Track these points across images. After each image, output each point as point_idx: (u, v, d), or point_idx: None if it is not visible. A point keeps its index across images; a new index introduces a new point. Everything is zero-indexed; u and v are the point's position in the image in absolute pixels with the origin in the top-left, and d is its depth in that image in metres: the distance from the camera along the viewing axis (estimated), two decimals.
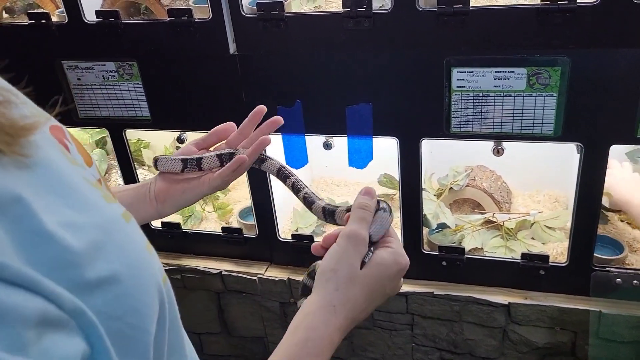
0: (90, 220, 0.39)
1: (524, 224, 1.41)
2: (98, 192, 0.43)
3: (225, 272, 1.54)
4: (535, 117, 1.13)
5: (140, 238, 0.45)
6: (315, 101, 1.26)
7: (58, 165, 0.40)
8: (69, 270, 0.35)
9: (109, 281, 0.38)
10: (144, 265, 0.42)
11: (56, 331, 0.33)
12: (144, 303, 0.41)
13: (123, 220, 0.43)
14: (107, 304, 0.37)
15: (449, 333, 1.41)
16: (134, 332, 0.40)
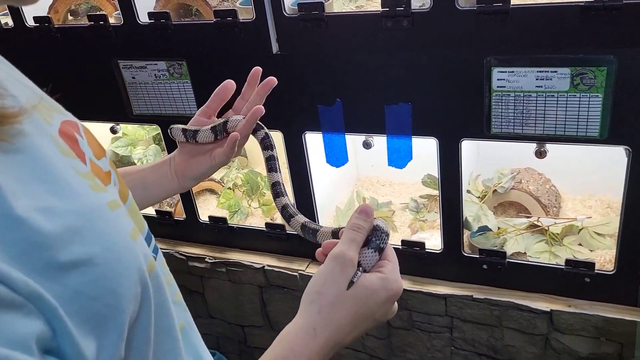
0: (69, 207, 0.41)
1: (571, 230, 1.36)
2: (85, 182, 0.45)
3: (268, 267, 1.58)
4: (580, 118, 1.09)
5: (125, 226, 0.47)
6: (355, 100, 1.27)
7: (45, 153, 0.43)
8: (40, 252, 0.38)
9: (85, 263, 0.40)
10: (125, 251, 0.45)
11: (9, 311, 0.35)
12: (120, 284, 0.43)
13: (108, 208, 0.46)
14: (84, 284, 0.40)
15: (489, 338, 1.39)
16: (110, 311, 0.42)
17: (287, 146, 1.41)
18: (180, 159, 0.88)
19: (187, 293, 1.77)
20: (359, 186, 1.78)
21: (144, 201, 0.88)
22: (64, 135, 0.48)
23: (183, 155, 0.88)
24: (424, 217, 1.56)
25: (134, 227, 0.49)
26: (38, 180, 0.41)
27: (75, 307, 0.39)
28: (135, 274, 0.46)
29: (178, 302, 0.63)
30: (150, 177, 0.87)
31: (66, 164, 0.45)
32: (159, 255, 0.61)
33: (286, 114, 1.36)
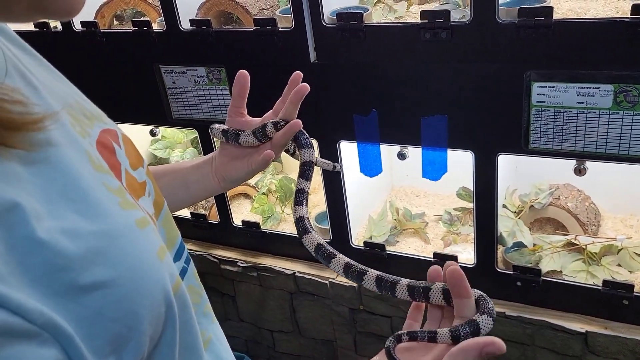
0: (96, 227, 0.41)
1: (610, 250, 1.32)
2: (115, 199, 0.45)
3: (299, 273, 1.59)
4: (622, 137, 1.06)
5: (152, 245, 0.47)
6: (391, 111, 1.27)
7: (74, 167, 0.42)
8: (62, 274, 0.38)
9: (107, 285, 0.40)
10: (150, 270, 0.45)
11: (21, 342, 0.34)
12: (142, 306, 0.43)
13: (136, 227, 0.46)
14: (105, 306, 0.40)
15: (520, 356, 1.36)
16: (130, 332, 0.42)
17: (322, 156, 1.41)
18: (220, 160, 0.88)
19: (218, 296, 1.79)
20: (393, 196, 1.77)
21: (186, 200, 0.87)
22: (101, 145, 0.49)
23: (223, 157, 0.88)
24: (457, 230, 1.54)
25: (162, 246, 0.49)
26: (65, 198, 0.40)
27: (96, 328, 0.39)
28: (160, 294, 0.46)
29: (207, 313, 0.64)
30: (192, 176, 0.86)
31: (97, 179, 0.45)
32: (190, 266, 0.61)
33: (322, 123, 1.36)
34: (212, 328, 0.64)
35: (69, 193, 0.41)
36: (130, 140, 0.56)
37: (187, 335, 0.52)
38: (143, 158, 0.57)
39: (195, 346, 0.54)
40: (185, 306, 0.51)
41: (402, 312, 1.45)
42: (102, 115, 0.54)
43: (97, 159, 0.47)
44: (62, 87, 0.52)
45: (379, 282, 0.69)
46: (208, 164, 0.88)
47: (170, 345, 0.49)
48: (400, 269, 1.47)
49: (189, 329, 0.52)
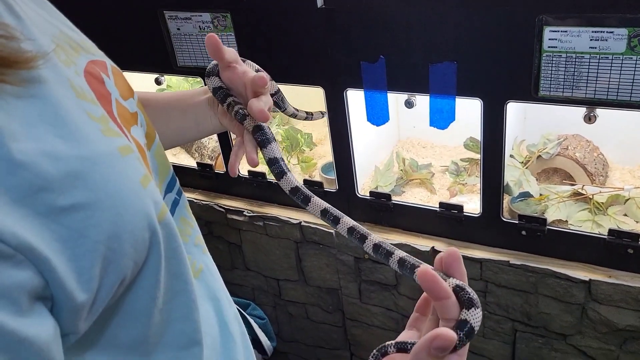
0: (76, 151, 0.42)
1: (617, 199, 1.32)
2: (97, 126, 0.46)
3: (305, 222, 1.60)
4: (635, 83, 1.04)
5: (134, 172, 0.48)
6: (399, 58, 1.24)
7: (57, 98, 0.43)
8: (42, 195, 0.38)
9: (88, 207, 0.41)
10: (132, 197, 0.46)
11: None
12: (125, 230, 0.45)
13: (118, 153, 0.47)
14: (87, 228, 0.41)
15: (523, 304, 1.37)
16: (113, 254, 0.44)
17: (328, 103, 1.40)
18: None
19: (225, 245, 1.82)
20: (400, 147, 1.76)
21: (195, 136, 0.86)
22: (90, 75, 0.49)
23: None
24: (464, 180, 1.54)
25: (146, 174, 0.50)
26: (45, 123, 0.41)
27: (81, 249, 0.41)
28: (143, 220, 0.47)
29: (198, 244, 0.65)
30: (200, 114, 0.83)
31: (79, 107, 0.45)
32: (182, 198, 0.62)
33: (328, 70, 1.35)
34: (203, 259, 0.66)
35: (49, 119, 0.41)
36: (121, 72, 0.56)
37: (175, 263, 0.54)
38: (134, 90, 0.57)
39: (182, 274, 0.56)
40: (172, 235, 0.53)
41: None
42: (91, 47, 0.54)
43: (81, 87, 0.48)
44: (47, 16, 0.52)
45: (351, 231, 0.69)
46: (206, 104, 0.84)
47: (155, 270, 0.51)
48: (405, 218, 1.47)
49: (177, 256, 0.54)
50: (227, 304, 0.70)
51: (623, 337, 1.28)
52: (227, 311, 0.70)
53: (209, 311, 0.66)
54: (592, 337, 1.32)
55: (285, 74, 1.42)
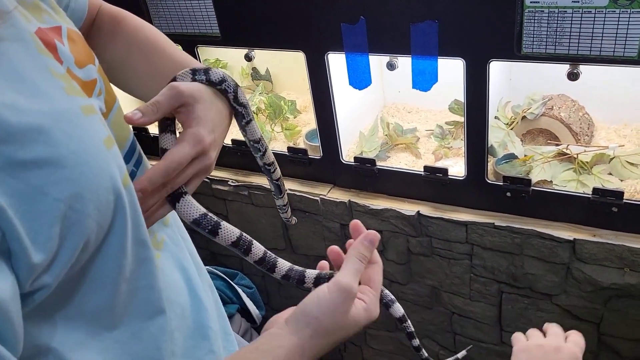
0: (36, 106, 0.41)
1: (602, 158, 1.31)
2: (60, 83, 0.45)
3: (290, 191, 1.58)
4: (618, 37, 1.02)
5: (97, 132, 0.47)
6: (380, 18, 1.21)
7: (17, 54, 0.42)
8: (1, 147, 0.37)
9: (48, 163, 0.40)
10: (95, 156, 0.44)
11: None
12: (88, 190, 0.43)
13: (81, 112, 0.45)
14: (48, 185, 0.39)
15: (509, 266, 1.37)
16: (75, 214, 0.42)
17: (310, 67, 1.37)
18: None
19: None
20: (385, 112, 1.74)
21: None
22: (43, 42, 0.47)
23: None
24: (449, 144, 1.53)
25: (109, 136, 0.48)
26: (6, 79, 0.40)
27: (39, 206, 0.39)
28: (107, 181, 0.45)
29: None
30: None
31: (41, 63, 0.44)
32: (140, 170, 0.60)
33: (309, 34, 1.32)
34: (165, 231, 0.65)
35: (7, 75, 0.40)
36: (80, 37, 0.53)
37: (141, 231, 0.53)
38: (93, 55, 0.55)
39: (146, 241, 0.54)
40: (134, 203, 0.51)
41: (391, 226, 1.46)
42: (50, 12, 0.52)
43: (40, 43, 0.46)
44: None
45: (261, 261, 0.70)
46: None
47: (121, 237, 0.50)
48: (390, 183, 1.46)
49: (140, 223, 0.53)
50: (196, 274, 0.69)
51: (607, 295, 1.29)
52: (196, 280, 0.69)
53: (177, 281, 0.65)
54: (577, 296, 1.33)
55: (265, 40, 1.39)
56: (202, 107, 0.60)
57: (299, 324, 0.58)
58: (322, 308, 0.58)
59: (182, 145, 0.57)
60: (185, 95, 0.59)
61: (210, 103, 0.63)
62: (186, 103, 0.59)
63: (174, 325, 0.61)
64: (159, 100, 0.57)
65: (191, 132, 0.58)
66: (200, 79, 0.65)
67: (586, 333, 1.37)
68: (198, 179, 0.62)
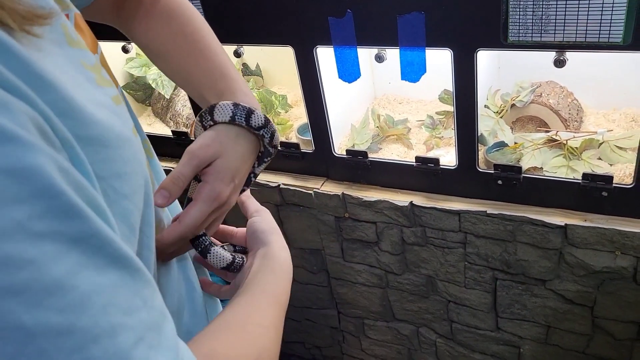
0: (78, 97, 0.41)
1: (591, 144, 1.32)
2: (92, 75, 0.46)
3: (284, 185, 1.59)
4: (602, 23, 1.03)
5: (127, 120, 0.48)
6: (367, 11, 1.22)
7: (56, 52, 0.43)
8: (65, 119, 0.38)
9: (98, 142, 0.41)
10: (129, 141, 0.46)
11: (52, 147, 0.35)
12: (125, 172, 0.44)
13: (112, 103, 0.47)
14: (95, 162, 0.40)
15: (502, 253, 1.39)
16: (114, 194, 0.43)
17: (299, 62, 1.38)
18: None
19: None
20: (376, 104, 1.75)
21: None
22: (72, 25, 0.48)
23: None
24: (440, 134, 1.53)
25: (133, 125, 0.50)
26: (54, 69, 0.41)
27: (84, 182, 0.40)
28: (139, 165, 0.47)
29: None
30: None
31: (74, 55, 0.45)
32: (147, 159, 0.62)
33: (297, 28, 1.32)
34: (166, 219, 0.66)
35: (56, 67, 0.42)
36: (85, 24, 0.54)
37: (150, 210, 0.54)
38: (97, 42, 0.55)
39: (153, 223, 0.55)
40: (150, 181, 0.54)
41: (385, 217, 1.47)
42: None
43: (75, 34, 0.47)
44: None
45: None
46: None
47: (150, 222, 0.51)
48: (383, 175, 1.47)
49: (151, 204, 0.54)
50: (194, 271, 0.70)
51: (600, 279, 1.31)
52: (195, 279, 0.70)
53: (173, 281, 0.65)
54: (570, 280, 1.34)
55: (254, 35, 1.39)
56: (223, 161, 0.62)
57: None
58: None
59: (199, 206, 0.60)
60: (207, 159, 0.61)
61: (234, 152, 0.64)
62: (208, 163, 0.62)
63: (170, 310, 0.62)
64: (182, 172, 0.60)
65: (208, 190, 0.61)
66: (240, 122, 0.64)
67: (580, 317, 1.40)
68: (218, 222, 0.67)
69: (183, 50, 0.72)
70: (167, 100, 1.87)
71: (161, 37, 0.73)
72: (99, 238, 0.35)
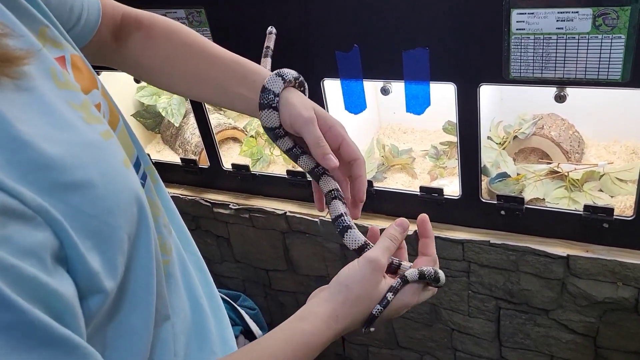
0: (67, 137, 0.45)
1: (592, 176, 1.35)
2: (80, 114, 0.49)
3: (290, 213, 1.62)
4: (601, 61, 1.06)
5: (117, 155, 0.51)
6: (373, 46, 1.26)
7: (44, 90, 0.46)
8: (45, 172, 0.41)
9: (85, 185, 0.44)
10: (118, 175, 0.49)
11: (20, 223, 0.39)
12: (117, 205, 0.48)
13: (101, 138, 0.50)
14: (84, 204, 0.44)
15: (506, 282, 1.41)
16: (109, 228, 0.47)
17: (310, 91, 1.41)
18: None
19: (213, 238, 1.83)
20: (381, 134, 1.78)
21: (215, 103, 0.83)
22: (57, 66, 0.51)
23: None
24: (444, 164, 1.56)
25: (125, 156, 0.53)
26: (38, 112, 0.44)
27: (78, 224, 0.43)
28: (130, 195, 0.50)
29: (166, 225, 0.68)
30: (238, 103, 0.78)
31: (60, 97, 0.48)
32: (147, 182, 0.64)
33: (304, 61, 1.36)
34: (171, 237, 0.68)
35: (40, 109, 0.45)
36: (83, 63, 0.57)
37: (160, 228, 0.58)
38: (96, 79, 0.58)
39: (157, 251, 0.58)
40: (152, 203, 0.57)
41: None
42: (60, 40, 0.55)
43: (62, 73, 0.50)
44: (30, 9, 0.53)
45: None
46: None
47: (147, 242, 0.54)
48: (388, 203, 1.50)
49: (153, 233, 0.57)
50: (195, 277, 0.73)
51: (602, 309, 1.32)
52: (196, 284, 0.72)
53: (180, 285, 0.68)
54: (573, 310, 1.36)
55: None
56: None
57: (333, 292, 0.65)
58: (351, 277, 0.66)
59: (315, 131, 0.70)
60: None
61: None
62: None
63: (178, 329, 0.64)
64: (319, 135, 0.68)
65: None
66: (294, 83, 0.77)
67: (583, 347, 1.41)
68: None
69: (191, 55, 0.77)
70: (176, 128, 1.91)
71: (164, 51, 0.77)
72: (30, 325, 0.37)
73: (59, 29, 0.57)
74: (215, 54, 0.78)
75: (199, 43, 0.79)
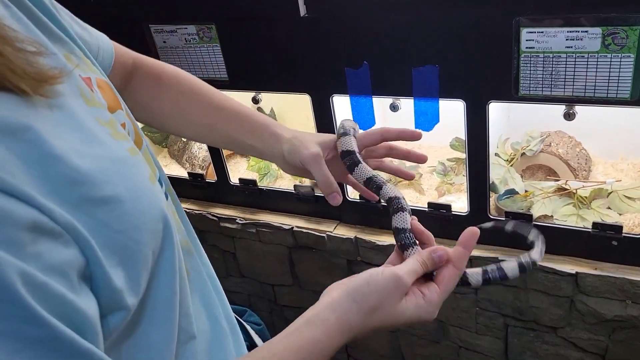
0: (97, 152, 0.46)
1: (600, 193, 1.35)
2: (107, 130, 0.50)
3: (297, 228, 1.62)
4: (610, 80, 1.07)
5: (143, 171, 0.52)
6: (382, 63, 1.27)
7: (74, 107, 0.47)
8: (76, 187, 0.42)
9: (113, 201, 0.45)
10: (144, 191, 0.50)
11: (50, 240, 0.39)
12: (143, 221, 0.48)
13: (128, 154, 0.51)
14: (111, 219, 0.44)
15: (514, 300, 1.40)
16: (135, 244, 0.47)
17: (315, 110, 1.42)
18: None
19: (219, 253, 1.83)
20: None
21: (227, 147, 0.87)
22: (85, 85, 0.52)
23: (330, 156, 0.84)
24: (451, 180, 1.57)
25: (151, 173, 0.54)
26: (69, 128, 0.45)
27: (104, 239, 0.44)
28: (156, 211, 0.51)
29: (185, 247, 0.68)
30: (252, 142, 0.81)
31: (89, 113, 0.49)
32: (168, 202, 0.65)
33: (314, 77, 1.37)
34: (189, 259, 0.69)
35: (71, 125, 0.46)
36: (107, 84, 0.58)
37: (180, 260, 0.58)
38: (120, 100, 0.59)
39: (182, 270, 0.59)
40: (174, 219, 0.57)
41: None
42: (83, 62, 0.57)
43: (89, 92, 0.51)
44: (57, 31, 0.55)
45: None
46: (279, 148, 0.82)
47: (171, 259, 0.54)
48: None
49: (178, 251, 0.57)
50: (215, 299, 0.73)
51: (611, 327, 1.32)
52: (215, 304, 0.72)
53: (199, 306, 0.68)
54: (582, 328, 1.35)
55: (272, 82, 1.44)
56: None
57: (347, 300, 0.61)
58: (372, 287, 0.62)
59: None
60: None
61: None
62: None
63: (199, 348, 0.64)
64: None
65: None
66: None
67: None
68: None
69: (199, 103, 0.81)
70: (183, 142, 1.92)
71: (174, 97, 0.81)
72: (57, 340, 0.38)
73: (86, 53, 0.58)
74: (221, 106, 0.82)
75: (205, 92, 0.83)
